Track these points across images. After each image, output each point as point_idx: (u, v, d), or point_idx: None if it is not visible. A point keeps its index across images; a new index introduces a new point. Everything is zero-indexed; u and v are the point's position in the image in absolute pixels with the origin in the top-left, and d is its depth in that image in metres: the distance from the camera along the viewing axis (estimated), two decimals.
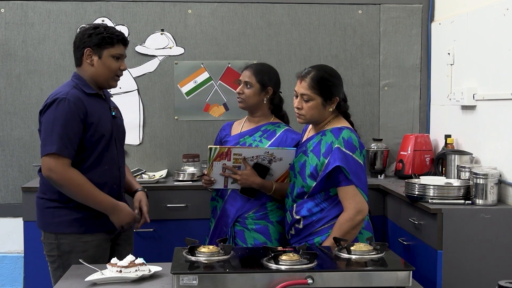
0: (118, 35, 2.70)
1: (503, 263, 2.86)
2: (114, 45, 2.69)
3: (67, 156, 2.56)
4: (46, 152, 2.56)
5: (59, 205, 2.65)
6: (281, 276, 1.97)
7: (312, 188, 2.63)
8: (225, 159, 2.82)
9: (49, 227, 2.68)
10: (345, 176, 2.55)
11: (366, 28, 4.11)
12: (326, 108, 2.66)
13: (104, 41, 2.67)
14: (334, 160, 2.54)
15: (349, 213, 2.56)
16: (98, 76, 2.70)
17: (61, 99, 2.58)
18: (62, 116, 2.56)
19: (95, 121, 2.63)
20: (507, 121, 3.06)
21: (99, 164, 2.67)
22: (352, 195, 2.57)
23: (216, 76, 4.05)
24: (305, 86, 2.63)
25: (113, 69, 2.71)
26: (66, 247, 2.64)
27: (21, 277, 3.91)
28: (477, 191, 2.93)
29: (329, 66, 2.80)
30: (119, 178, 2.78)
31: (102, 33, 2.67)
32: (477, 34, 3.40)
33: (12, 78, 3.95)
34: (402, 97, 4.15)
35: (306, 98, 2.63)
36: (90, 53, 2.68)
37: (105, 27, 2.72)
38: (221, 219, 2.97)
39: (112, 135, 2.73)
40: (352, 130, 2.64)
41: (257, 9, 4.05)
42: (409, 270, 2.04)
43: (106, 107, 2.77)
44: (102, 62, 2.68)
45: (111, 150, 2.72)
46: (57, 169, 2.55)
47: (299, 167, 2.70)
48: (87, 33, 2.68)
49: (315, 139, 2.68)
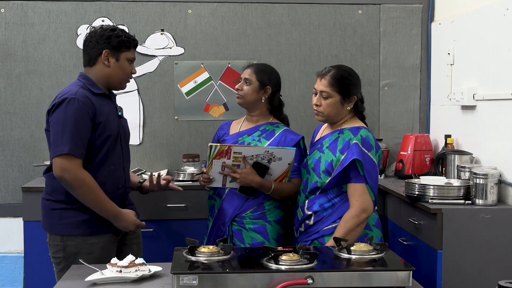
0: (134, 40, 2.79)
1: (503, 263, 2.86)
2: (130, 49, 2.76)
3: (79, 156, 2.57)
4: (58, 153, 2.55)
5: (66, 206, 2.64)
6: (281, 276, 1.97)
7: (326, 183, 2.68)
8: (225, 157, 2.82)
9: (55, 229, 2.67)
10: (358, 172, 2.61)
11: (366, 28, 4.11)
12: (344, 106, 2.73)
13: (123, 44, 2.72)
14: (352, 154, 2.61)
15: (355, 210, 2.61)
16: (113, 77, 2.73)
17: (70, 98, 2.58)
18: (72, 115, 2.56)
19: (103, 121, 2.65)
20: (507, 121, 3.06)
21: (104, 163, 2.67)
22: (361, 193, 2.62)
23: (216, 76, 4.05)
24: (325, 83, 2.71)
25: (128, 72, 2.78)
26: (72, 249, 2.64)
27: (21, 277, 3.91)
28: (477, 191, 2.93)
29: (348, 67, 2.86)
30: (124, 178, 2.79)
31: (121, 36, 2.72)
32: (477, 34, 3.40)
33: (12, 78, 3.95)
34: (402, 97, 4.16)
35: (325, 95, 2.71)
36: (107, 55, 2.70)
37: (122, 30, 2.78)
38: (219, 218, 2.97)
39: (119, 135, 2.74)
40: (369, 130, 2.73)
41: (257, 9, 4.06)
42: (409, 270, 2.04)
43: (113, 107, 2.79)
44: (119, 64, 2.72)
45: (117, 150, 2.73)
46: (71, 169, 2.54)
47: (313, 163, 2.74)
48: (106, 35, 2.70)
49: (331, 136, 2.74)
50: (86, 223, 2.65)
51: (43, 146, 3.95)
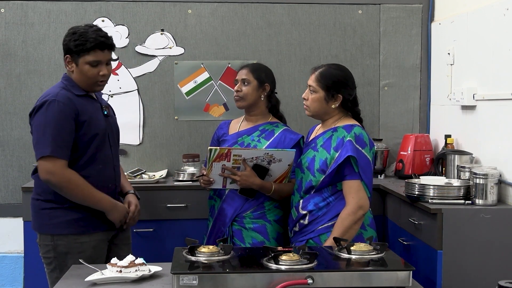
0: (92, 41, 2.58)
1: (503, 263, 2.86)
2: (89, 52, 2.59)
3: (63, 157, 2.54)
4: (40, 155, 2.54)
5: (55, 206, 2.62)
6: (281, 276, 1.97)
7: (320, 182, 2.68)
8: (225, 160, 2.82)
9: (45, 229, 2.65)
10: (352, 169, 2.62)
11: (366, 28, 4.11)
12: (328, 103, 2.73)
13: (78, 48, 2.59)
14: (347, 151, 2.61)
15: (351, 207, 2.61)
16: (79, 82, 2.66)
17: (51, 101, 2.56)
18: (53, 117, 2.54)
19: (87, 119, 2.61)
20: (507, 121, 3.06)
21: (92, 163, 2.64)
22: (356, 190, 2.62)
23: (216, 76, 4.05)
24: (313, 78, 2.75)
25: (91, 76, 2.63)
26: (63, 248, 2.62)
27: (21, 277, 3.90)
28: (477, 191, 2.93)
29: (344, 67, 2.85)
30: (114, 177, 2.76)
31: (77, 40, 2.59)
32: (477, 34, 3.40)
33: (12, 78, 3.95)
34: (402, 97, 4.15)
35: (312, 90, 2.75)
36: (69, 60, 2.65)
37: (81, 33, 2.60)
38: (219, 219, 2.97)
39: (106, 133, 2.71)
40: (362, 128, 2.74)
41: (257, 9, 4.05)
42: (409, 270, 2.04)
43: (98, 106, 2.73)
44: (80, 69, 2.63)
45: (105, 149, 2.70)
46: (56, 171, 2.53)
47: (307, 162, 2.74)
48: (66, 39, 2.64)
49: (325, 135, 2.75)
50: (76, 222, 2.63)
51: None
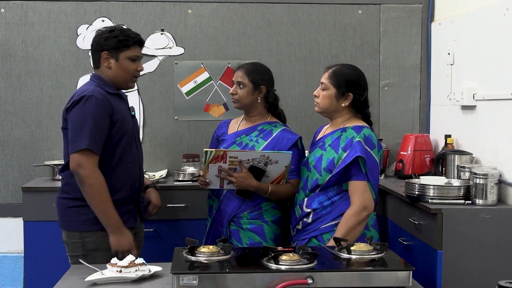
0: (134, 37, 2.75)
1: (503, 263, 2.86)
2: (130, 47, 2.73)
3: (97, 152, 2.59)
4: (77, 149, 2.57)
5: (83, 203, 2.64)
6: (281, 276, 1.97)
7: (326, 181, 2.69)
8: (221, 162, 2.82)
9: (73, 226, 2.68)
10: (360, 170, 2.63)
11: (366, 28, 4.11)
12: (338, 101, 2.76)
13: (121, 43, 2.71)
14: (355, 152, 2.62)
15: (356, 207, 2.62)
16: (116, 78, 2.74)
17: (89, 96, 2.60)
18: (91, 112, 2.58)
19: (120, 118, 2.68)
20: (507, 121, 3.06)
21: (122, 163, 2.70)
22: (362, 190, 2.63)
23: (216, 76, 4.05)
24: (326, 76, 2.79)
25: (131, 71, 2.76)
26: (91, 245, 2.64)
27: (21, 277, 3.90)
28: (477, 191, 2.93)
29: (358, 68, 2.87)
30: (139, 176, 2.82)
31: (118, 36, 2.70)
32: (477, 34, 3.40)
33: (12, 78, 3.95)
34: (402, 97, 4.15)
35: (323, 87, 2.79)
36: (107, 56, 2.71)
37: (121, 29, 2.77)
38: (216, 219, 2.98)
39: (133, 133, 2.78)
40: (372, 130, 2.75)
41: (257, 9, 4.05)
42: (409, 270, 2.04)
43: (126, 106, 2.82)
44: (120, 64, 2.72)
45: (133, 149, 2.77)
46: (87, 165, 2.56)
47: (314, 161, 2.76)
48: (104, 37, 2.71)
49: (334, 134, 2.76)
50: None
51: (43, 146, 3.96)
